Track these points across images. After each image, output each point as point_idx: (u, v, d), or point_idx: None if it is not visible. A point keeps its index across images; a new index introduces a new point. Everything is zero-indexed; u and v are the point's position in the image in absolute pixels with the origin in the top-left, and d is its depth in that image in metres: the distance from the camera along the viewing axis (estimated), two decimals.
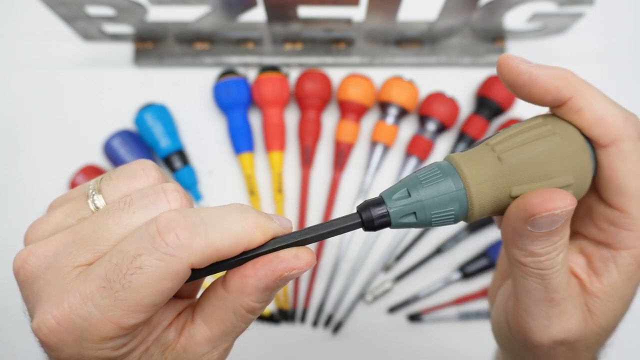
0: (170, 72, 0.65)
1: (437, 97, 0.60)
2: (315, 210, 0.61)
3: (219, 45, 0.64)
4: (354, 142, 0.61)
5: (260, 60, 0.64)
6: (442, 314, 0.58)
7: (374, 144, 0.61)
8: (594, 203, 0.29)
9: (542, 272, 0.27)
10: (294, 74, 0.64)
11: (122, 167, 0.27)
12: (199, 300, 0.27)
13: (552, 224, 0.25)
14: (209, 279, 0.39)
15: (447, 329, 0.58)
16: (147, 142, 0.60)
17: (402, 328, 0.58)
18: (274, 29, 0.61)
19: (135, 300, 0.23)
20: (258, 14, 0.58)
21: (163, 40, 0.64)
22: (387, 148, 0.61)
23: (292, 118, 0.63)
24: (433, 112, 0.60)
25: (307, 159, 0.61)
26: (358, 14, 0.59)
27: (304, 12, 0.57)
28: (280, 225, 0.26)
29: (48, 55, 0.66)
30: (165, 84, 0.65)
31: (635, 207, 0.27)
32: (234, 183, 0.62)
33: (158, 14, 0.60)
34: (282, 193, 0.60)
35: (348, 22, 0.59)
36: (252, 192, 0.60)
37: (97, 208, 0.26)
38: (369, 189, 0.61)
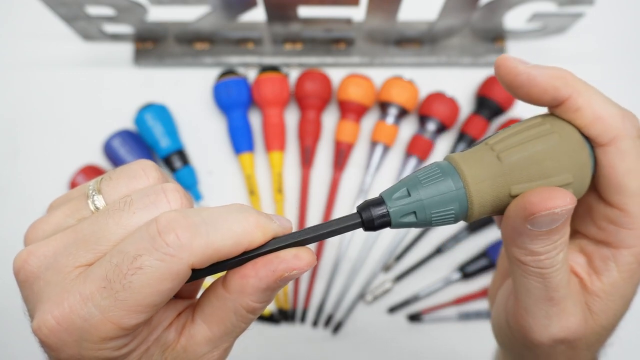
0: (170, 72, 0.65)
1: (437, 97, 0.60)
2: (315, 210, 0.61)
3: (219, 45, 0.64)
4: (354, 142, 0.61)
5: (260, 60, 0.64)
6: (442, 314, 0.58)
7: (374, 144, 0.61)
8: (594, 202, 0.29)
9: (542, 270, 0.27)
10: (294, 74, 0.64)
11: (122, 167, 0.27)
12: (199, 301, 0.27)
13: (552, 223, 0.25)
14: (209, 279, 0.39)
15: (447, 329, 0.58)
16: (147, 142, 0.60)
17: (402, 328, 0.58)
18: (274, 29, 0.61)
19: (136, 301, 0.23)
20: (258, 14, 0.58)
21: (163, 40, 0.64)
22: (387, 148, 0.61)
23: (292, 118, 0.63)
24: (433, 112, 0.60)
25: (307, 159, 0.61)
26: (358, 14, 0.59)
27: (304, 12, 0.57)
28: (281, 226, 0.26)
29: (48, 55, 0.66)
30: (165, 84, 0.65)
31: (635, 205, 0.27)
32: (234, 183, 0.62)
33: (158, 14, 0.60)
34: (282, 193, 0.60)
35: (348, 22, 0.59)
36: (252, 192, 0.60)
37: (97, 208, 0.26)
38: (369, 189, 0.61)
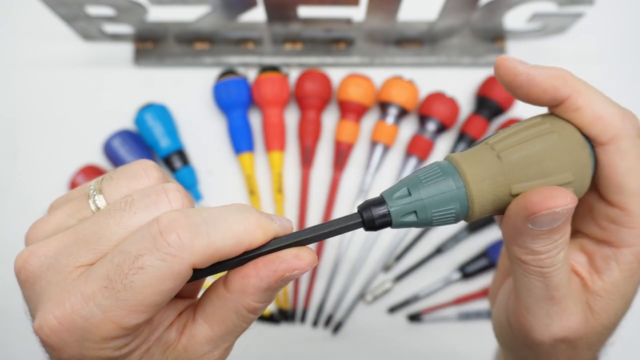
0: (170, 72, 0.65)
1: (437, 97, 0.60)
2: (315, 210, 0.61)
3: (219, 45, 0.64)
4: (354, 142, 0.61)
5: (260, 60, 0.64)
6: (442, 314, 0.58)
7: (374, 144, 0.61)
8: (595, 201, 0.29)
9: (543, 270, 0.27)
10: (294, 74, 0.64)
11: (122, 167, 0.27)
12: (200, 300, 0.27)
13: (553, 222, 0.25)
14: (210, 279, 0.39)
15: (447, 329, 0.58)
16: (147, 142, 0.60)
17: (402, 328, 0.58)
18: (274, 29, 0.61)
19: (137, 301, 0.23)
20: (258, 14, 0.58)
21: (163, 40, 0.64)
22: (387, 148, 0.61)
23: (292, 118, 0.63)
24: (433, 112, 0.60)
25: (307, 159, 0.61)
26: (358, 14, 0.59)
27: (304, 12, 0.57)
28: (281, 226, 0.26)
29: (48, 55, 0.66)
30: (165, 84, 0.65)
31: (636, 204, 0.27)
32: (234, 183, 0.62)
33: (158, 14, 0.60)
34: (282, 193, 0.60)
35: (348, 22, 0.59)
36: (252, 192, 0.60)
37: (98, 208, 0.26)
38: (369, 189, 0.61)
